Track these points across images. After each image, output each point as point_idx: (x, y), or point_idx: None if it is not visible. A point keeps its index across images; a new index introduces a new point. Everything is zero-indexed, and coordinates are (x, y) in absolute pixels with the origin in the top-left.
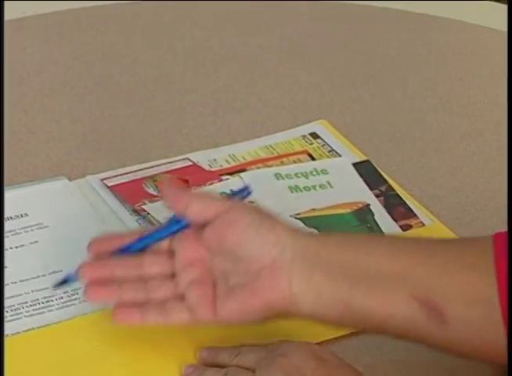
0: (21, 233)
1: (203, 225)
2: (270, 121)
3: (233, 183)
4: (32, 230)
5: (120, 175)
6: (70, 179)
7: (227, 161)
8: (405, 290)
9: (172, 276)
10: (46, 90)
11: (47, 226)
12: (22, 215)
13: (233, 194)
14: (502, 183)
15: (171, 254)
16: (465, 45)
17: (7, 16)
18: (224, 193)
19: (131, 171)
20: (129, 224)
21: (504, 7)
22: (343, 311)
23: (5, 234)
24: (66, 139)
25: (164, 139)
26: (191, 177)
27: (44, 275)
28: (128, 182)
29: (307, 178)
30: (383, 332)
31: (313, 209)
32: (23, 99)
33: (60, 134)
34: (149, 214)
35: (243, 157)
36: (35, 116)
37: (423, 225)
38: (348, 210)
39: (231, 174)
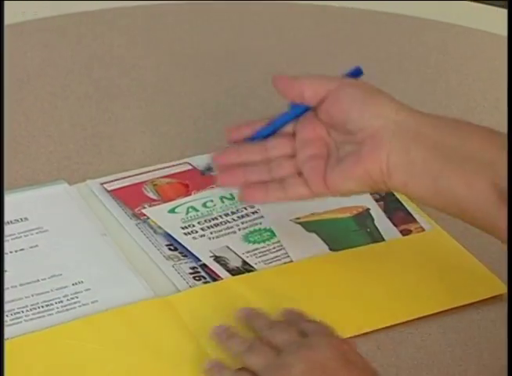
0: (21, 237)
1: (319, 105)
2: None
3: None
4: (32, 234)
5: (120, 179)
6: (70, 183)
7: None
8: (490, 177)
9: (293, 156)
10: (46, 94)
11: (47, 230)
12: (22, 219)
13: (346, 75)
14: None
15: (292, 136)
16: (465, 49)
17: (7, 21)
18: (223, 197)
19: (131, 176)
20: (129, 228)
21: (504, 11)
22: (431, 188)
23: (5, 238)
24: (66, 143)
25: (164, 143)
26: (191, 181)
27: (44, 279)
28: (128, 186)
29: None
30: (461, 217)
31: (313, 213)
32: (24, 103)
33: (60, 138)
34: (148, 218)
35: None
36: (35, 120)
37: (423, 230)
38: (348, 214)
39: None
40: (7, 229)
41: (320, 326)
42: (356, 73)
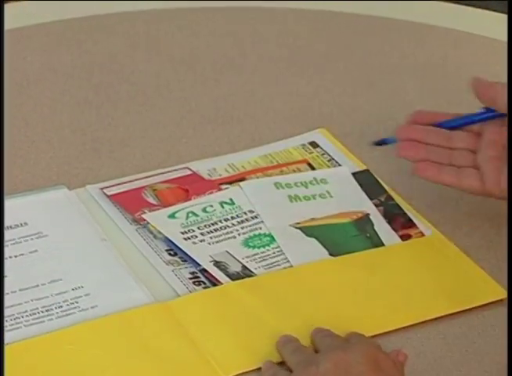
0: (21, 242)
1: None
2: (269, 130)
3: (233, 192)
4: (32, 239)
5: (120, 184)
6: (69, 188)
7: (226, 170)
8: None
9: (474, 152)
10: (46, 99)
11: (46, 235)
12: (21, 224)
13: None
14: None
15: (478, 135)
16: (465, 54)
17: (7, 26)
18: (223, 202)
19: (131, 180)
20: (128, 233)
21: (504, 17)
22: None
23: (5, 243)
24: (65, 148)
25: (164, 148)
26: (190, 186)
27: (43, 284)
28: (128, 191)
29: (306, 188)
30: None
31: (313, 218)
32: (23, 108)
33: (60, 143)
34: (148, 223)
35: (243, 166)
36: (35, 125)
37: (423, 235)
38: (348, 219)
39: (230, 183)
40: (7, 235)
41: (362, 336)
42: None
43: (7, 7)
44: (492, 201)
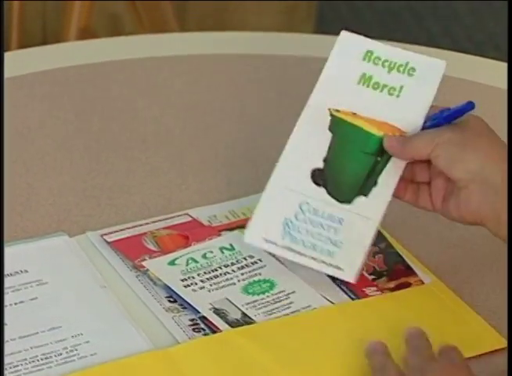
0: (21, 289)
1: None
2: (270, 176)
3: (232, 238)
4: (32, 287)
5: (120, 230)
6: (70, 235)
7: (227, 217)
8: None
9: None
10: (46, 146)
11: (46, 283)
12: (21, 272)
13: (455, 111)
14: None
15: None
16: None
17: (7, 74)
18: (223, 247)
19: (131, 227)
20: (128, 280)
21: (499, 64)
22: None
23: (5, 291)
24: (66, 194)
25: (164, 195)
26: (191, 232)
27: (43, 331)
28: (128, 237)
29: (388, 73)
30: None
31: (354, 113)
32: (23, 155)
33: (60, 190)
34: (148, 270)
35: (243, 213)
36: (35, 172)
37: (423, 283)
38: (380, 133)
39: (231, 230)
40: (7, 282)
41: (451, 351)
42: (467, 108)
43: (7, 55)
44: (490, 247)
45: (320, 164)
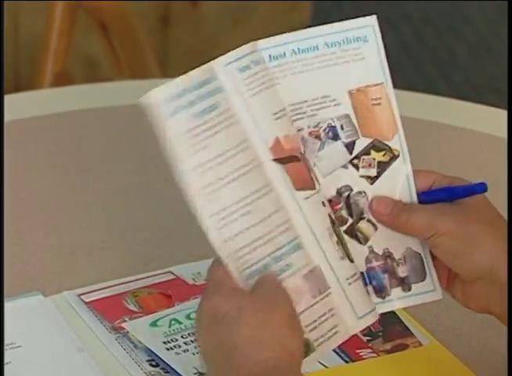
0: None
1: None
2: None
3: None
4: (5, 350)
5: (99, 290)
6: (45, 295)
7: None
8: None
9: None
10: (18, 200)
11: (20, 346)
12: None
13: (467, 189)
14: None
15: None
16: (461, 150)
17: None
18: None
19: (110, 286)
20: (107, 342)
21: (498, 111)
22: None
23: None
24: (40, 251)
25: (145, 252)
26: (174, 291)
27: None
28: (107, 297)
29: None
30: None
31: None
32: None
33: (35, 246)
34: (128, 332)
35: None
36: (7, 227)
37: (421, 344)
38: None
39: None
40: None
41: None
42: (479, 189)
43: None
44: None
45: None
